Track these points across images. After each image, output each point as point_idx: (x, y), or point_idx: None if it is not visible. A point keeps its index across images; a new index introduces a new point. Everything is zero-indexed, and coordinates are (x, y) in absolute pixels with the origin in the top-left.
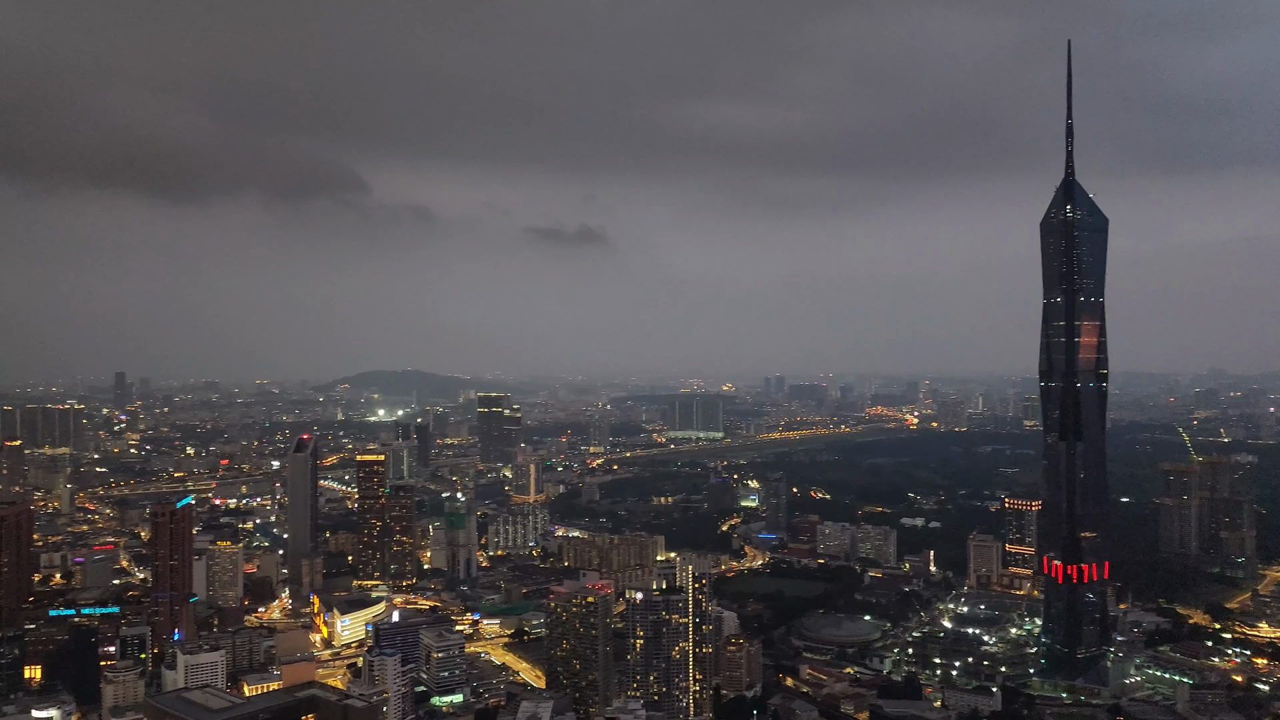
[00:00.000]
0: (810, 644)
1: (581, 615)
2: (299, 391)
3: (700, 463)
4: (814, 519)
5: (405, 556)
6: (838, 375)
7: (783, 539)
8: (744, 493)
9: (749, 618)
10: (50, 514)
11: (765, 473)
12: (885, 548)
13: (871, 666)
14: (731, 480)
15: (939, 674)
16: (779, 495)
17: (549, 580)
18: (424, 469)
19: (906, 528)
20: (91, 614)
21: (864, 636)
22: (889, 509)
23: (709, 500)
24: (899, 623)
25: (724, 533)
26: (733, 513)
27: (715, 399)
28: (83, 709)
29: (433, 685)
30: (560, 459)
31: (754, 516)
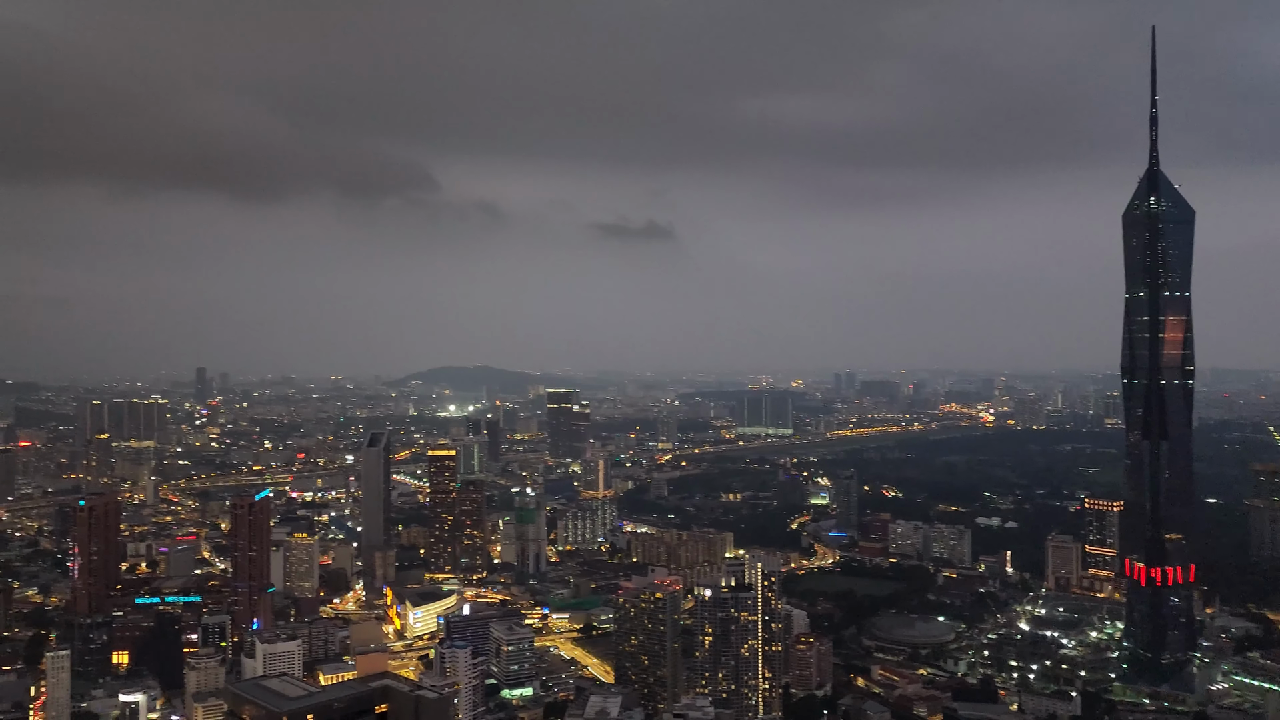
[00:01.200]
0: (882, 644)
1: (650, 611)
2: (372, 387)
3: (769, 459)
4: (886, 517)
5: (476, 550)
6: (911, 371)
7: (853, 537)
8: (814, 490)
9: (819, 616)
10: (136, 505)
11: (835, 470)
12: (960, 547)
13: (945, 668)
14: (801, 477)
15: (1016, 677)
16: (850, 493)
17: (617, 575)
18: (494, 464)
19: (982, 527)
20: (175, 602)
21: (938, 638)
22: (964, 508)
23: (778, 497)
24: (974, 624)
25: (793, 530)
26: (802, 510)
27: (784, 395)
28: (167, 694)
29: (503, 678)
30: (629, 455)
31: (824, 514)
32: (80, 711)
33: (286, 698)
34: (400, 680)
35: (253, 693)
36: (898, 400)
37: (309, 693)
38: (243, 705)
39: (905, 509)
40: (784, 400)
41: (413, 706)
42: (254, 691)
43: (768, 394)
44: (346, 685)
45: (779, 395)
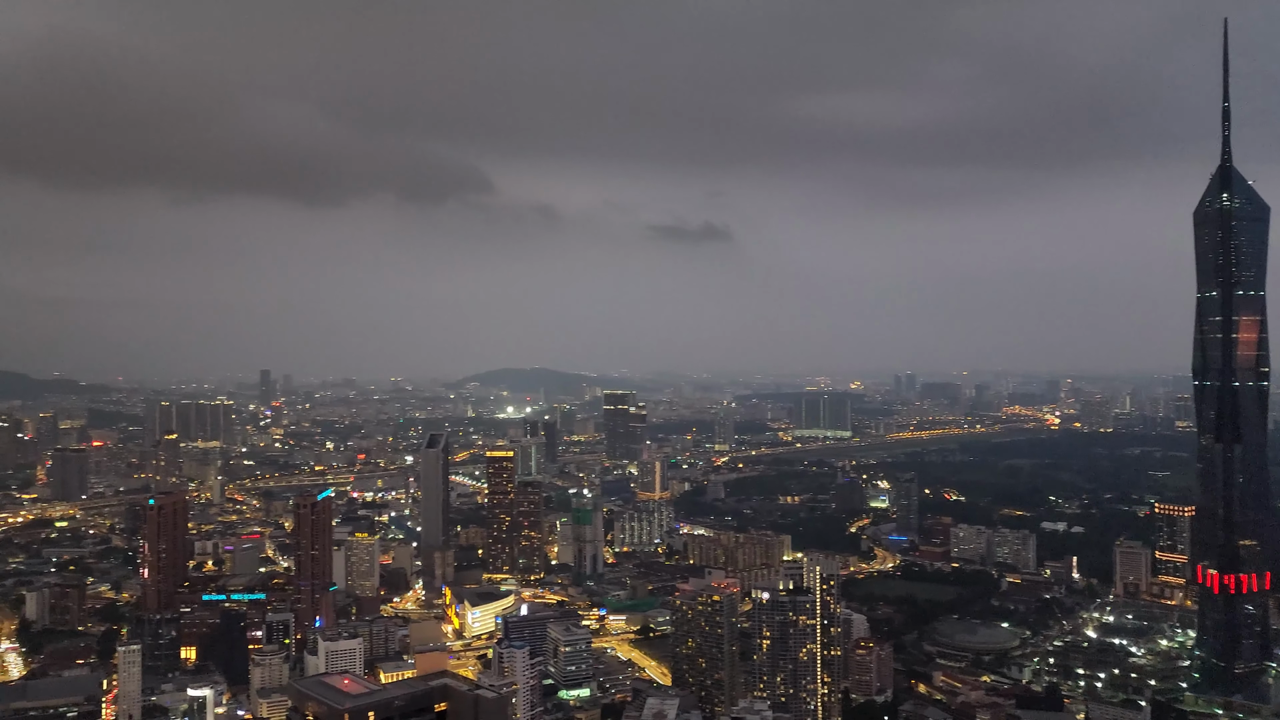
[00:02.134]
0: (944, 650)
1: (707, 613)
2: (431, 388)
3: (828, 462)
4: (947, 521)
5: (533, 551)
6: (973, 373)
7: (914, 541)
8: (873, 493)
9: (879, 621)
10: (203, 504)
11: (896, 473)
12: (1024, 552)
13: (1009, 675)
14: (860, 480)
15: (1082, 686)
16: (910, 496)
17: (674, 577)
18: (551, 465)
19: (1047, 532)
20: (240, 600)
21: (1001, 644)
22: (1028, 512)
23: (837, 500)
24: (1039, 631)
25: (853, 534)
26: (862, 513)
27: (843, 397)
28: (233, 689)
29: (560, 678)
30: (685, 456)
31: (884, 518)
32: (150, 705)
33: (348, 695)
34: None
35: (315, 689)
36: (959, 402)
37: (370, 690)
38: (306, 702)
39: (967, 513)
40: (842, 402)
41: (471, 706)
42: (316, 688)
43: (826, 396)
44: (406, 683)
45: (837, 397)
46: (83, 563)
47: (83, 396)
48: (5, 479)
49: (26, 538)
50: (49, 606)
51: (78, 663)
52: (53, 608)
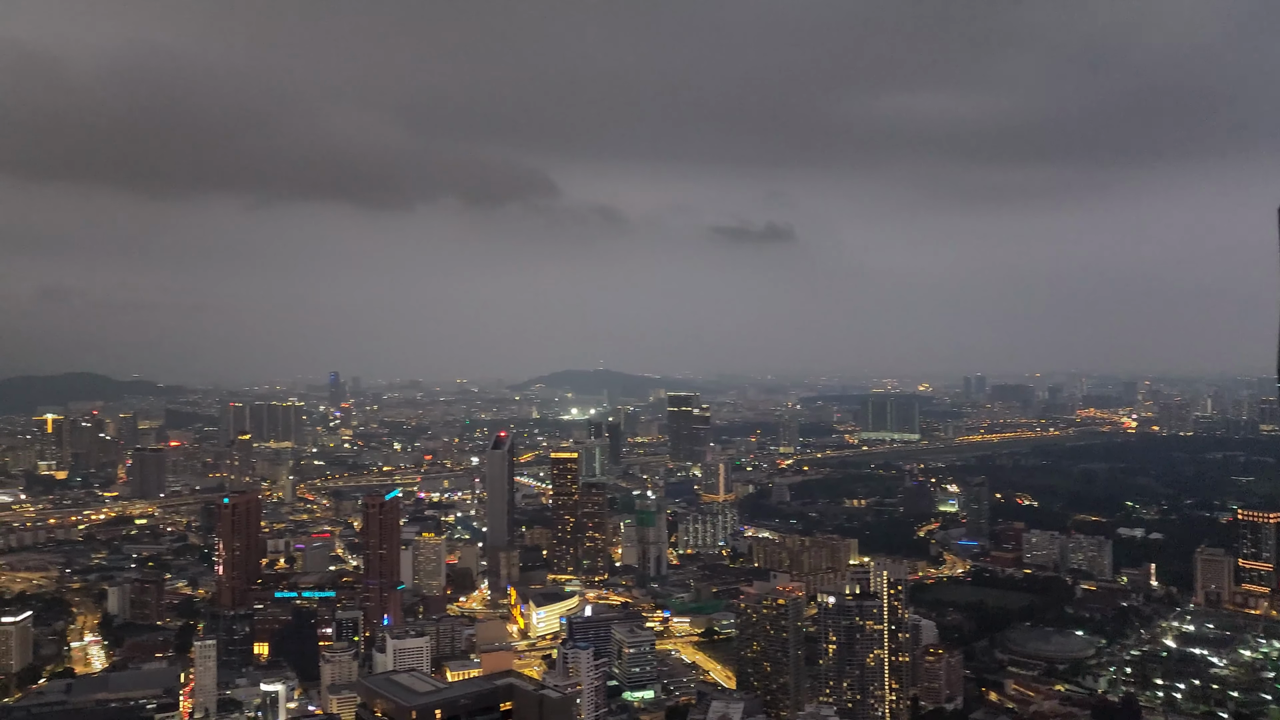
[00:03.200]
0: (1016, 658)
1: (772, 617)
2: (496, 390)
3: (895, 465)
4: (1019, 526)
5: (597, 552)
6: (1045, 375)
7: (985, 546)
8: (942, 497)
9: (948, 627)
10: (275, 503)
11: (965, 476)
12: (1099, 559)
13: (1084, 685)
14: (929, 484)
15: (1161, 697)
16: (980, 500)
17: (738, 580)
18: (615, 467)
19: (1123, 539)
20: (311, 597)
21: (1076, 653)
22: (1104, 518)
23: (904, 504)
24: (1115, 640)
25: (921, 538)
26: (930, 517)
27: (911, 399)
28: (304, 685)
29: (624, 680)
30: (749, 459)
31: (953, 522)
32: (225, 699)
33: (416, 693)
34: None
35: (383, 687)
36: (1032, 405)
37: (436, 688)
38: (374, 699)
39: (1040, 518)
40: (910, 404)
41: (536, 705)
42: (384, 685)
43: (893, 398)
44: (472, 682)
45: (905, 399)
46: (161, 559)
47: (161, 398)
48: (89, 477)
49: (108, 534)
50: (129, 601)
51: (156, 656)
52: (133, 603)
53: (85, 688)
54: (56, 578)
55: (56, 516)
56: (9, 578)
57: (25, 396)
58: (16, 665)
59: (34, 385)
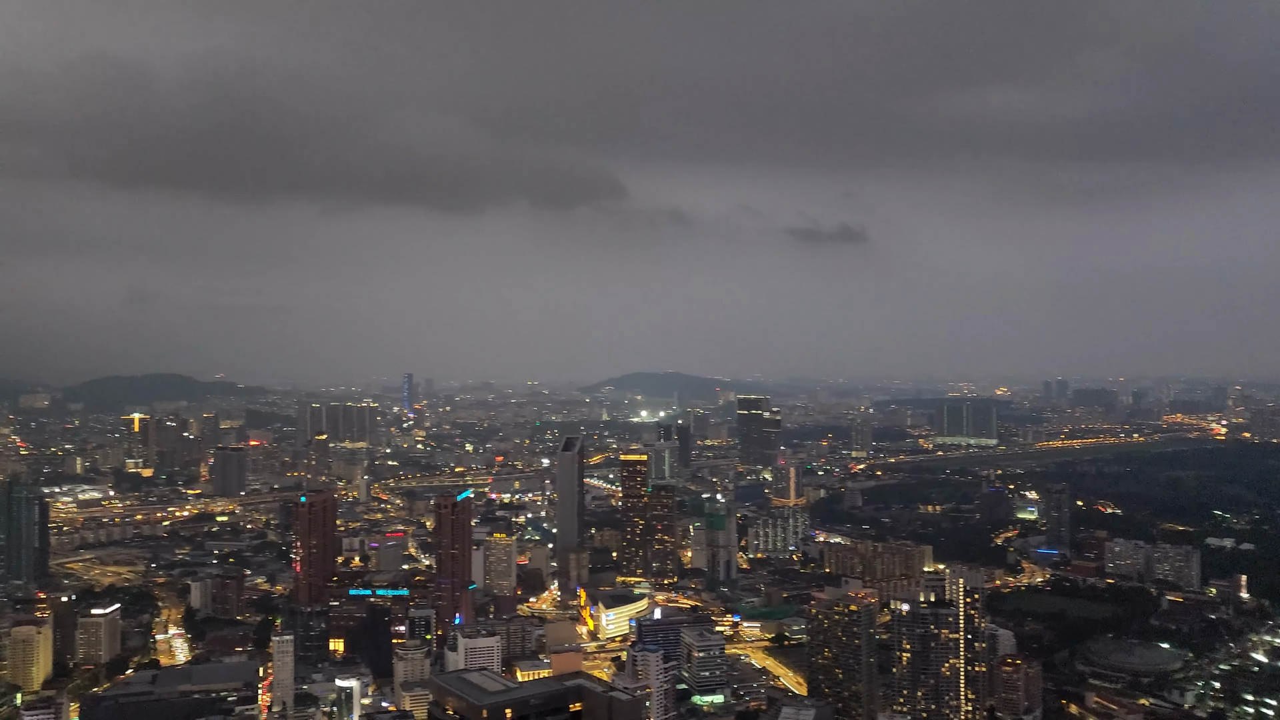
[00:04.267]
0: (1098, 670)
1: (844, 623)
2: (566, 392)
3: (971, 470)
4: (1102, 535)
5: (666, 555)
6: (1130, 379)
7: (1065, 555)
8: (1020, 504)
9: (1027, 638)
10: (350, 502)
11: (1045, 483)
12: (1186, 569)
13: (1169, 699)
14: (1006, 490)
15: (1251, 713)
16: (1061, 508)
17: (809, 585)
18: (684, 469)
19: (1212, 549)
20: (385, 595)
21: (1161, 666)
22: (1191, 527)
23: (981, 510)
24: (1203, 653)
25: (998, 546)
26: (1008, 525)
27: (988, 403)
28: (378, 681)
29: (694, 684)
30: (821, 463)
31: (1032, 530)
32: (301, 693)
33: (487, 691)
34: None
35: (455, 685)
36: (1115, 410)
37: (507, 688)
38: (446, 696)
39: (1124, 526)
40: (987, 409)
41: (606, 707)
42: (456, 684)
43: (969, 402)
44: (543, 682)
45: (982, 403)
46: (241, 555)
47: (241, 398)
48: (173, 475)
49: (191, 530)
50: (211, 596)
51: (236, 650)
52: (214, 597)
53: (170, 679)
54: (143, 572)
55: (143, 513)
56: (99, 571)
57: (113, 396)
58: (105, 656)
59: (122, 385)
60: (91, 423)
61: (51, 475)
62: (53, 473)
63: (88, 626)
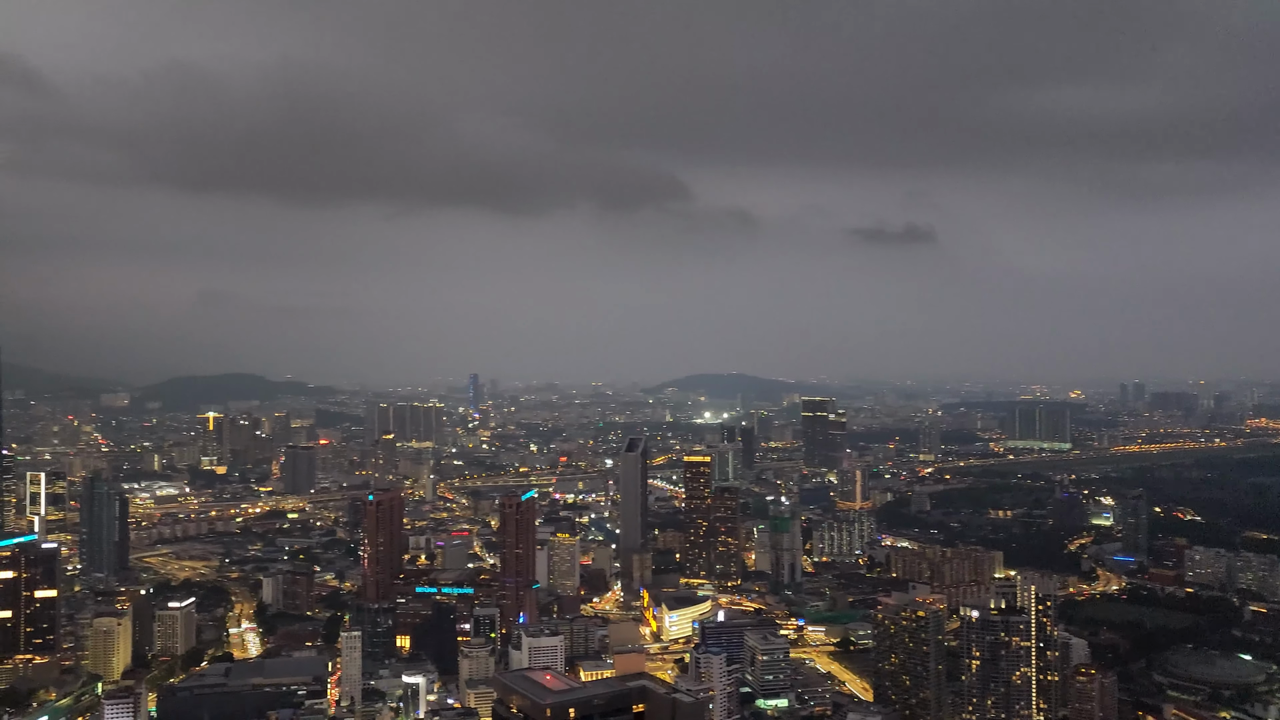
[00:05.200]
0: (1176, 681)
1: (912, 629)
2: (630, 393)
3: (1043, 475)
4: (1181, 542)
5: (730, 557)
6: (1211, 382)
7: (1142, 563)
8: (1095, 510)
9: (1101, 647)
10: (416, 501)
11: (1121, 489)
12: (1271, 579)
13: (1252, 713)
14: (1080, 496)
15: None
16: (1138, 514)
17: (876, 590)
18: (748, 471)
19: None
20: (450, 593)
21: (1244, 678)
22: (1276, 535)
23: (1054, 516)
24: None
25: (1071, 552)
26: (1082, 531)
27: (1061, 406)
28: (443, 678)
29: (758, 687)
30: (887, 466)
31: (1107, 536)
32: (369, 688)
33: (550, 691)
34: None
35: (519, 684)
36: (1195, 414)
37: (570, 687)
38: (510, 695)
39: (1204, 534)
40: (1060, 412)
41: (669, 708)
42: (520, 683)
43: (1042, 405)
44: (606, 682)
45: (1055, 407)
46: (311, 552)
47: (311, 398)
48: (245, 473)
49: (263, 527)
50: (282, 592)
51: (306, 645)
52: (285, 593)
53: (242, 672)
54: (217, 567)
55: (217, 509)
56: (176, 566)
57: (189, 395)
58: (182, 648)
59: (196, 385)
60: (168, 421)
61: (130, 472)
62: (132, 469)
63: (165, 619)
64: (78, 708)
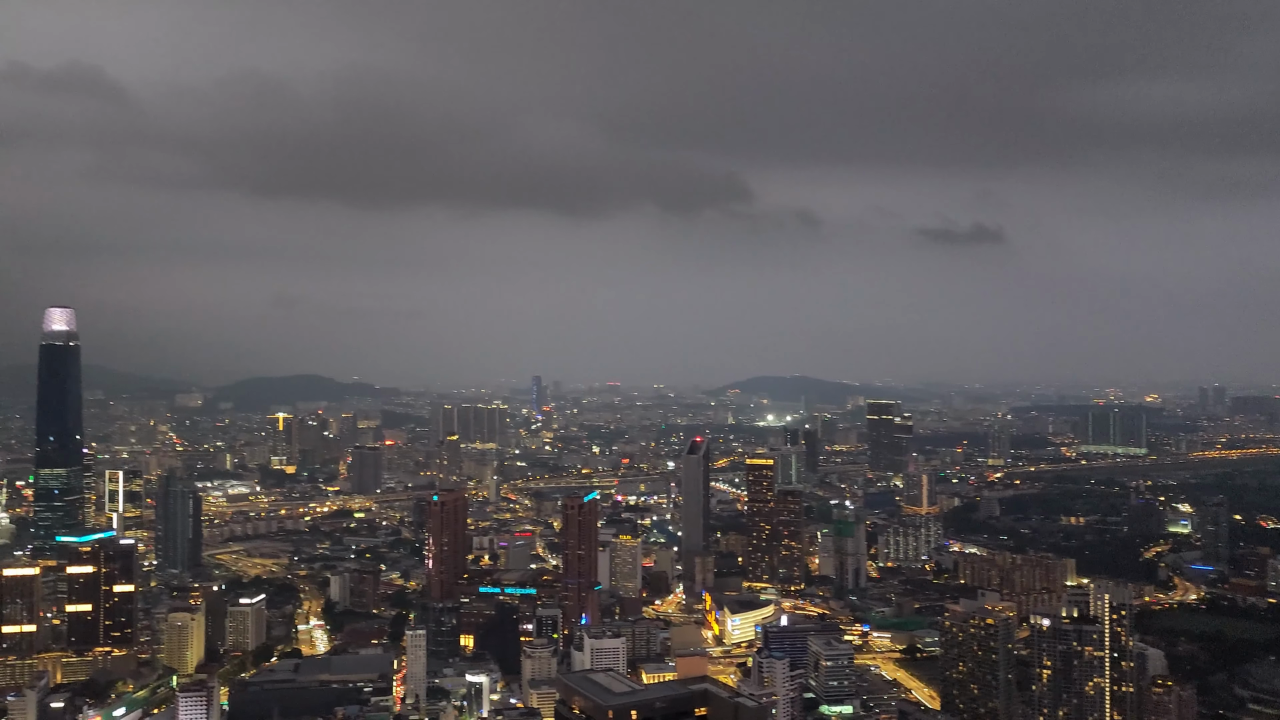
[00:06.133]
0: (1258, 694)
1: (980, 637)
2: (692, 395)
3: (1118, 481)
4: (1265, 551)
5: (793, 561)
6: None
7: (1222, 572)
8: (1172, 517)
9: (1179, 658)
10: (480, 502)
11: (1200, 496)
12: None
13: None
14: (1157, 502)
15: None
16: (1218, 522)
17: (943, 597)
18: (812, 475)
19: None
20: (513, 594)
21: None
22: None
23: (1129, 523)
24: None
25: (1147, 560)
26: (1158, 539)
27: (1137, 410)
28: (506, 678)
29: (821, 693)
30: (955, 470)
31: (1185, 545)
32: (433, 687)
33: (612, 692)
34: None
35: (582, 685)
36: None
37: (632, 689)
38: (573, 696)
39: None
40: (1136, 416)
41: (732, 712)
42: (582, 684)
43: (1116, 409)
44: (668, 685)
45: (1130, 410)
46: (377, 551)
47: (378, 399)
48: (314, 472)
49: (331, 526)
50: (349, 590)
51: (372, 642)
52: (352, 591)
53: (311, 668)
54: (286, 565)
55: (286, 508)
56: (247, 563)
57: (260, 396)
58: (252, 643)
59: (266, 386)
60: (240, 421)
61: (204, 471)
62: (205, 468)
63: (236, 615)
64: (153, 699)
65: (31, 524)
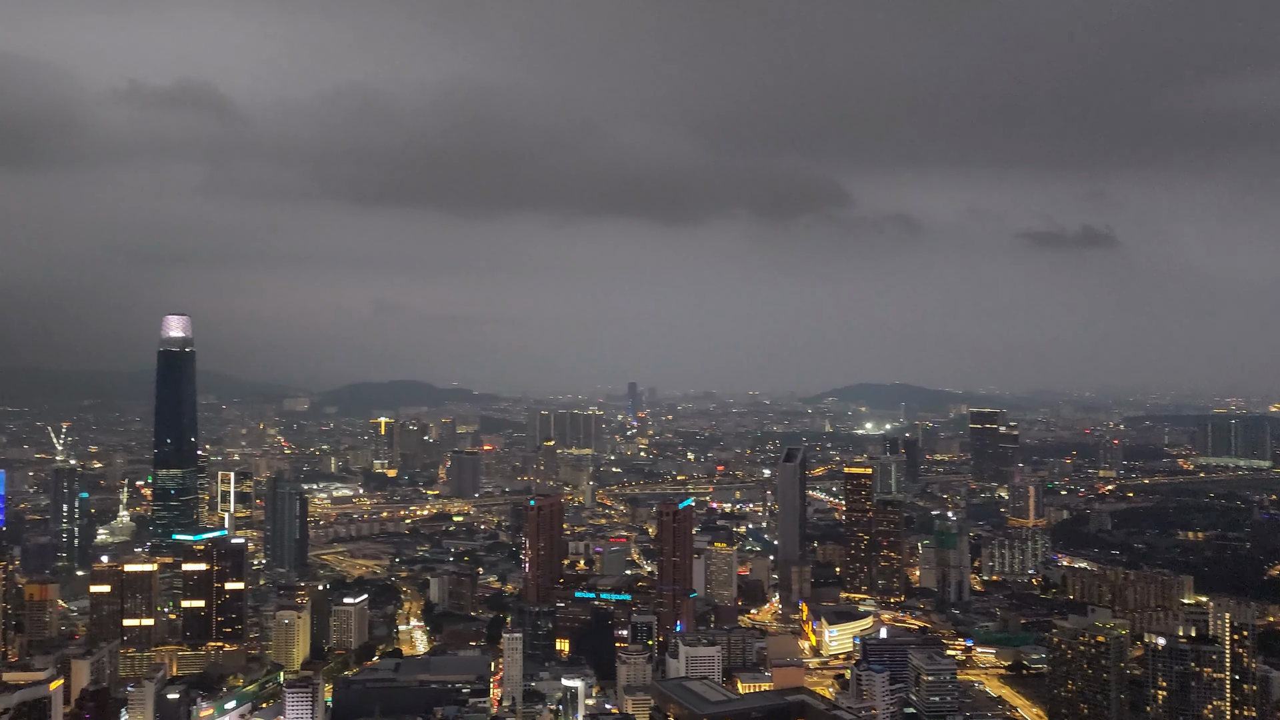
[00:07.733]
0: None
1: (1091, 655)
2: (788, 402)
3: (1240, 495)
4: None
5: (893, 573)
6: None
7: None
8: None
9: None
10: (576, 507)
11: None
12: None
13: None
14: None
15: None
16: None
17: (1051, 612)
18: (912, 484)
19: None
20: (608, 599)
21: None
22: None
23: (1252, 539)
24: None
25: (1272, 579)
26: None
27: (1261, 421)
28: (601, 683)
29: (922, 708)
30: (1063, 482)
31: None
32: (529, 690)
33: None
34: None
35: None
36: None
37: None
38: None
39: None
40: (1260, 427)
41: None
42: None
43: (1238, 419)
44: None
45: (1253, 421)
46: (475, 554)
47: (476, 404)
48: (414, 476)
49: (430, 529)
50: (448, 592)
51: (470, 644)
52: (450, 593)
53: (411, 668)
54: (387, 566)
55: (388, 510)
56: (350, 564)
57: (363, 401)
58: (355, 642)
59: (369, 391)
60: (344, 425)
61: (310, 473)
62: (311, 471)
63: (340, 614)
64: (262, 694)
65: (150, 522)
